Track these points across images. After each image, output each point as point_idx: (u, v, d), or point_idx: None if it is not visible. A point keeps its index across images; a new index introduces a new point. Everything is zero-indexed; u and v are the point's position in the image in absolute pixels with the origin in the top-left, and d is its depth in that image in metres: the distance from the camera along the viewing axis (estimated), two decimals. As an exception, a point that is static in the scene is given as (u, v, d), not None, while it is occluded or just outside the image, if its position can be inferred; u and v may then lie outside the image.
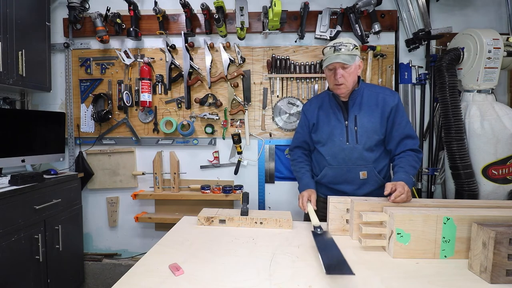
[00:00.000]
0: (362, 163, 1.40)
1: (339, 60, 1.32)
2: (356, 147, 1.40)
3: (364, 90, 1.44)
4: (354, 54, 1.34)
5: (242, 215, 1.32)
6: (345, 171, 1.43)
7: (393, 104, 1.40)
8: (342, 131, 1.42)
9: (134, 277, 0.87)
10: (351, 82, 1.38)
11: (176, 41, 2.27)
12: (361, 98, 1.43)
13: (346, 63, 1.33)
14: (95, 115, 2.25)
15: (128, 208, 2.42)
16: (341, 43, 1.35)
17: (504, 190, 1.88)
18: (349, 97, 1.43)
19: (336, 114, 1.45)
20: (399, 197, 1.13)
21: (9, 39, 1.79)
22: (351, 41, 1.38)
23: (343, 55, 1.32)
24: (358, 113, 1.41)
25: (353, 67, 1.36)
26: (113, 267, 2.35)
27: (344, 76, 1.35)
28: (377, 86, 1.52)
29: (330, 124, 1.46)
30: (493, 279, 0.82)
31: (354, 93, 1.42)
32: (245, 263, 0.96)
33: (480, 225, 0.87)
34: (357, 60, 1.38)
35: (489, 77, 1.89)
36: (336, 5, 2.18)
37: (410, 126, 1.43)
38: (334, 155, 1.44)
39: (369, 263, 0.96)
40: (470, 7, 2.20)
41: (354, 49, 1.35)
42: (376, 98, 1.42)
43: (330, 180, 1.48)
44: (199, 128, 2.31)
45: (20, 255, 1.66)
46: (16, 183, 1.70)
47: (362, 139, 1.39)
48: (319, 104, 1.54)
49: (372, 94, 1.44)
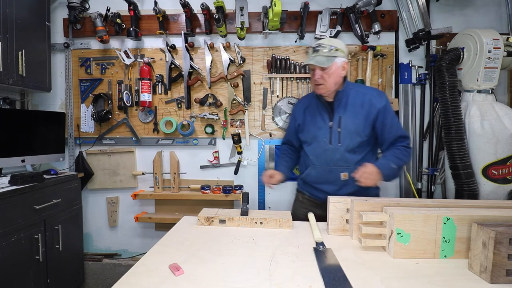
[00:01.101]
0: (343, 164, 1.41)
1: (312, 62, 1.34)
2: (338, 148, 1.41)
3: (350, 91, 1.43)
4: (333, 55, 1.33)
5: (242, 215, 1.32)
6: (327, 172, 1.44)
7: (380, 106, 1.38)
8: (326, 132, 1.43)
9: (134, 277, 0.87)
10: (332, 83, 1.37)
11: (176, 41, 2.27)
12: (347, 99, 1.42)
13: (319, 65, 1.33)
14: (95, 115, 2.25)
15: (128, 208, 2.42)
16: (320, 44, 1.35)
17: (504, 190, 1.88)
18: (334, 98, 1.43)
19: (322, 114, 1.46)
20: (361, 175, 1.23)
21: (9, 39, 1.79)
22: (333, 42, 1.36)
23: (319, 56, 1.33)
24: (343, 114, 1.41)
25: (333, 68, 1.35)
26: (113, 267, 2.35)
27: (323, 77, 1.35)
28: (365, 87, 1.52)
29: (316, 124, 1.47)
30: (493, 279, 0.82)
31: (339, 94, 1.41)
32: (245, 263, 0.96)
33: (480, 225, 0.87)
34: (338, 61, 1.35)
35: (489, 77, 1.89)
36: (336, 5, 2.18)
37: (400, 126, 1.46)
38: (317, 155, 1.46)
39: (369, 263, 0.96)
40: (470, 7, 2.20)
41: (334, 51, 1.33)
42: (362, 99, 1.41)
43: (313, 180, 1.50)
44: (199, 128, 2.31)
45: (20, 255, 1.66)
46: (16, 183, 1.70)
47: (345, 140, 1.40)
48: (306, 104, 1.55)
49: (358, 95, 1.42)
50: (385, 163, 1.32)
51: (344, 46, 1.40)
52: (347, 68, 1.42)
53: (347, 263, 0.95)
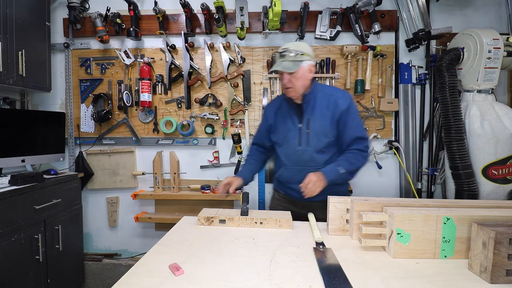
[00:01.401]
0: (312, 165, 1.45)
1: (279, 68, 1.36)
2: (307, 149, 1.45)
3: (318, 93, 1.46)
4: (299, 60, 1.36)
5: (242, 215, 1.32)
6: (298, 172, 1.47)
7: (344, 107, 1.41)
8: (296, 133, 1.47)
9: (134, 277, 0.87)
10: (300, 86, 1.40)
11: (176, 41, 2.27)
12: (314, 101, 1.45)
13: (286, 71, 1.35)
14: (95, 115, 2.25)
15: (128, 208, 2.42)
16: (287, 49, 1.37)
17: (504, 190, 1.88)
18: (302, 100, 1.45)
19: (292, 117, 1.49)
20: (305, 188, 1.27)
21: (9, 39, 1.79)
22: (299, 47, 1.38)
23: (286, 61, 1.36)
24: (311, 116, 1.45)
25: (300, 72, 1.37)
26: (113, 267, 2.35)
27: (292, 80, 1.38)
28: (331, 88, 1.54)
29: (286, 126, 1.50)
30: (493, 279, 0.82)
31: (307, 96, 1.44)
32: (245, 263, 0.96)
33: (480, 225, 0.87)
34: (305, 64, 1.38)
35: (489, 77, 1.89)
36: (336, 5, 2.18)
37: (361, 128, 1.45)
38: (288, 156, 1.50)
39: (369, 263, 0.96)
40: (470, 7, 2.20)
41: (300, 55, 1.36)
42: (328, 101, 1.44)
43: (285, 180, 1.55)
44: (199, 128, 2.31)
45: (20, 255, 1.66)
46: (16, 183, 1.70)
47: (313, 141, 1.44)
48: (277, 106, 1.57)
49: (325, 96, 1.45)
50: (332, 169, 1.35)
51: (310, 49, 1.43)
52: (314, 70, 1.45)
53: (347, 263, 0.95)
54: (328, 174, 1.33)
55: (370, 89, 2.21)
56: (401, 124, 2.25)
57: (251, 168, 1.61)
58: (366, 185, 2.30)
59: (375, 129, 2.25)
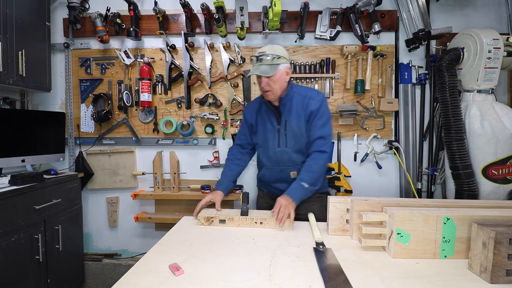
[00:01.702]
0: (291, 164, 1.51)
1: (257, 72, 1.38)
2: (286, 150, 1.50)
3: (294, 95, 1.49)
4: (275, 63, 1.39)
5: (242, 215, 1.32)
6: (278, 172, 1.55)
7: (314, 108, 1.45)
8: (275, 135, 1.51)
9: (134, 277, 0.87)
10: (278, 89, 1.43)
11: (176, 41, 2.27)
12: (291, 103, 1.49)
13: (264, 75, 1.38)
14: (95, 115, 2.25)
15: (128, 208, 2.42)
16: (263, 53, 1.40)
17: (504, 190, 1.88)
18: (279, 102, 1.49)
19: (271, 118, 1.53)
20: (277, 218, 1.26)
21: (9, 39, 1.79)
22: (275, 50, 1.41)
23: (263, 65, 1.39)
24: (288, 118, 1.49)
25: (277, 76, 1.41)
26: (113, 267, 2.35)
27: (269, 84, 1.41)
28: (306, 90, 1.54)
29: (266, 128, 1.55)
30: (493, 279, 0.82)
31: (283, 99, 1.47)
32: (245, 263, 0.96)
33: (480, 225, 0.87)
34: (282, 67, 1.41)
35: (489, 77, 1.89)
36: (336, 5, 2.18)
37: (326, 128, 1.47)
38: (268, 157, 1.56)
39: (369, 263, 0.96)
40: (470, 7, 2.20)
41: (277, 59, 1.38)
42: (302, 102, 1.47)
43: (267, 179, 1.62)
44: (199, 128, 2.31)
45: (20, 255, 1.66)
46: (16, 183, 1.70)
47: (291, 142, 1.49)
48: (257, 107, 1.60)
49: (300, 98, 1.49)
50: (297, 187, 1.37)
51: (286, 52, 1.46)
52: (290, 72, 1.48)
53: (347, 263, 0.95)
54: (294, 195, 1.34)
55: (370, 89, 2.21)
56: (401, 124, 2.25)
57: (232, 174, 1.62)
58: (366, 185, 2.30)
59: (375, 129, 2.25)
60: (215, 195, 1.48)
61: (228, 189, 1.57)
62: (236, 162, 1.64)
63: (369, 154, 2.22)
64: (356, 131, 2.26)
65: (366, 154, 2.23)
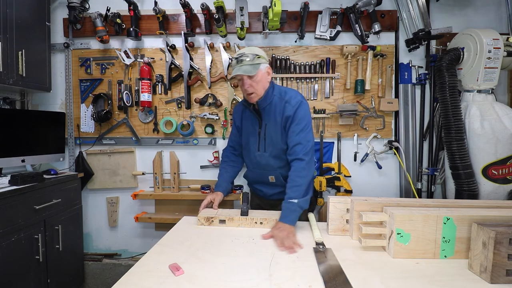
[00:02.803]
0: (270, 169, 1.52)
1: (240, 72, 1.37)
2: (264, 155, 1.50)
3: (274, 98, 1.46)
4: (256, 63, 1.37)
5: (242, 215, 1.32)
6: (258, 174, 1.57)
7: (290, 113, 1.40)
8: (256, 139, 1.52)
9: (134, 277, 0.87)
10: (261, 89, 1.42)
11: (176, 41, 2.27)
12: (270, 107, 1.46)
13: (247, 74, 1.36)
14: (95, 115, 2.25)
15: (128, 208, 2.42)
16: (243, 54, 1.39)
17: (504, 190, 1.88)
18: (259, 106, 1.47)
19: (253, 122, 1.53)
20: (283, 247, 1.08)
21: (9, 39, 1.79)
22: (254, 50, 1.41)
23: (245, 65, 1.37)
24: (268, 122, 1.47)
25: (259, 76, 1.39)
26: (113, 267, 2.35)
27: (252, 85, 1.39)
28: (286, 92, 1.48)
29: (248, 131, 1.55)
30: (493, 279, 0.82)
31: (262, 103, 1.45)
32: (245, 263, 0.96)
33: (480, 225, 0.87)
34: (263, 68, 1.40)
35: (489, 77, 1.89)
36: (336, 5, 2.18)
37: (304, 134, 1.40)
38: (250, 160, 1.59)
39: (369, 263, 0.96)
40: (470, 7, 2.20)
41: (256, 59, 1.38)
42: (280, 107, 1.44)
43: (250, 180, 1.66)
44: (199, 128, 2.31)
45: (20, 255, 1.66)
46: (16, 183, 1.70)
47: (269, 147, 1.48)
48: (242, 109, 1.61)
49: (278, 102, 1.45)
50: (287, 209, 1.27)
51: (264, 52, 1.46)
52: (271, 73, 1.48)
53: (347, 263, 0.95)
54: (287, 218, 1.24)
55: (370, 89, 2.21)
56: (401, 124, 2.25)
57: (229, 175, 1.64)
58: (366, 185, 2.30)
59: (375, 129, 2.25)
60: (215, 195, 1.52)
61: (227, 190, 1.60)
62: (230, 164, 1.67)
63: (369, 154, 2.22)
64: (356, 131, 2.26)
65: (366, 154, 2.23)
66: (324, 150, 2.26)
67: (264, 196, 1.62)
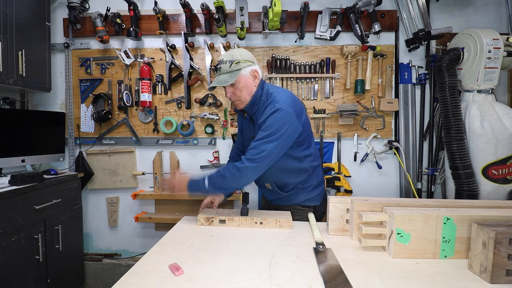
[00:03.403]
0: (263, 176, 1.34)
1: (215, 83, 1.32)
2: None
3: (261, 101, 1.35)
4: (236, 69, 1.29)
5: (242, 215, 1.32)
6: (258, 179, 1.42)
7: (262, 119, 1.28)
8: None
9: (134, 277, 0.87)
10: (246, 96, 1.33)
11: (176, 41, 2.27)
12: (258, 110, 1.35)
13: (222, 85, 1.31)
14: (95, 115, 2.25)
15: (128, 208, 2.42)
16: (221, 61, 1.31)
17: (504, 190, 1.88)
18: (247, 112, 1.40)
19: (249, 126, 1.45)
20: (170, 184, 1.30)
21: (9, 39, 1.79)
22: (234, 55, 1.31)
23: (222, 74, 1.30)
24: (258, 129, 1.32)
25: (242, 82, 1.30)
26: (113, 267, 2.35)
27: (235, 92, 1.32)
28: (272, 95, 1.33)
29: (247, 135, 1.50)
30: (493, 279, 0.82)
31: (250, 109, 1.36)
32: (245, 263, 0.96)
33: (480, 225, 0.87)
34: (245, 72, 1.31)
35: (489, 77, 1.89)
36: (336, 5, 2.18)
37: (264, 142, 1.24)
38: None
39: (369, 263, 0.96)
40: (470, 7, 2.20)
41: (235, 64, 1.28)
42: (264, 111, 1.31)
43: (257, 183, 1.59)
44: (199, 128, 2.31)
45: (20, 255, 1.66)
46: (16, 183, 1.70)
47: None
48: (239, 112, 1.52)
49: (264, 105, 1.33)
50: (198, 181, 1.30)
51: (248, 53, 1.36)
52: (258, 75, 1.36)
53: (347, 263, 0.95)
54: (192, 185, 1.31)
55: (370, 89, 2.21)
56: (401, 124, 2.25)
57: None
58: (366, 185, 2.30)
59: (375, 129, 2.25)
60: (215, 195, 1.47)
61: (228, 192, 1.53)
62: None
63: (369, 154, 2.22)
64: (356, 131, 2.26)
65: (366, 154, 2.23)
66: (324, 150, 2.26)
67: (267, 199, 1.64)
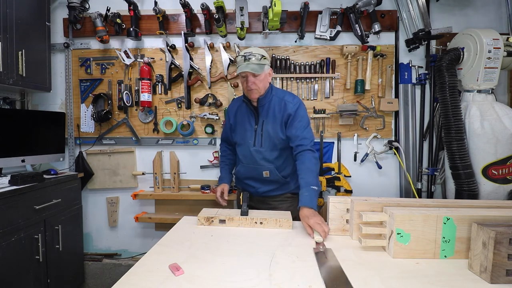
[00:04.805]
0: (265, 164, 1.58)
1: (248, 69, 1.45)
2: (261, 150, 1.57)
3: (272, 97, 1.56)
4: (262, 63, 1.47)
5: (242, 215, 1.32)
6: (252, 169, 1.62)
7: (292, 111, 1.51)
8: (252, 134, 1.59)
9: (134, 277, 0.87)
10: (263, 88, 1.52)
11: (176, 41, 2.27)
12: (269, 105, 1.56)
13: (254, 72, 1.46)
14: (95, 115, 2.25)
15: (128, 208, 2.42)
16: (250, 53, 1.47)
17: (504, 190, 1.88)
18: (258, 104, 1.56)
19: (249, 118, 1.61)
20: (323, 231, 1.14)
21: (9, 39, 1.79)
22: (260, 51, 1.50)
23: (252, 64, 1.45)
24: (265, 119, 1.56)
25: (263, 75, 1.49)
26: (113, 267, 2.35)
27: (256, 82, 1.48)
28: (284, 93, 1.61)
29: (244, 127, 1.62)
30: (493, 279, 0.82)
31: (262, 100, 1.55)
32: (245, 263, 0.96)
33: (480, 225, 0.87)
34: (266, 69, 1.50)
35: (489, 77, 1.89)
36: (336, 5, 2.18)
37: (308, 131, 1.52)
38: (244, 155, 1.64)
39: (369, 263, 0.96)
40: (470, 7, 2.20)
41: (263, 59, 1.47)
42: (280, 105, 1.54)
43: (242, 176, 1.69)
44: (199, 128, 2.31)
45: (20, 255, 1.66)
46: (16, 183, 1.70)
47: (266, 143, 1.56)
48: (237, 107, 1.69)
49: (278, 100, 1.55)
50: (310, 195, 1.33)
51: (268, 54, 1.56)
52: (272, 74, 1.59)
53: (347, 263, 0.95)
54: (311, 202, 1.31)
55: (370, 89, 2.21)
56: (401, 124, 2.25)
57: (229, 168, 1.80)
58: (366, 185, 2.30)
59: (375, 129, 2.25)
60: (223, 186, 1.70)
61: (230, 180, 1.77)
62: (228, 157, 1.81)
63: (369, 154, 2.22)
64: (356, 131, 2.26)
65: (366, 154, 2.23)
66: (324, 150, 2.26)
67: (254, 193, 1.67)
